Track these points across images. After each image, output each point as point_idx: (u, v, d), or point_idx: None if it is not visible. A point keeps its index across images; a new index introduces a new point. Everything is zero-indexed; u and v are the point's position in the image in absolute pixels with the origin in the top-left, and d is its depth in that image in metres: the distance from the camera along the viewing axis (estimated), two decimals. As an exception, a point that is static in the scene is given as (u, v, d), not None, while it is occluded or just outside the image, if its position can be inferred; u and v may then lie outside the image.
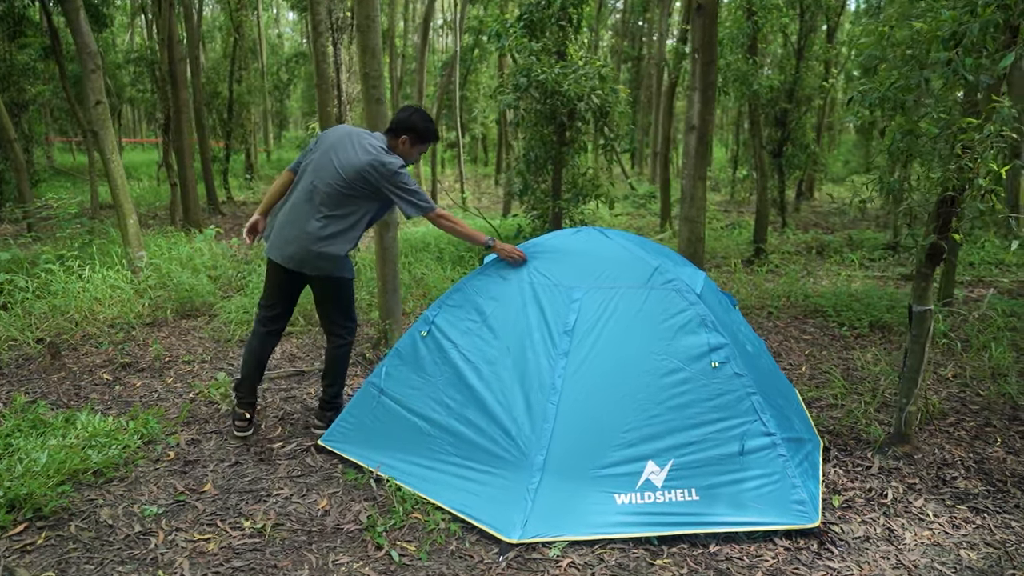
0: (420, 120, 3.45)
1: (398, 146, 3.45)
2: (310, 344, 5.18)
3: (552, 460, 2.94)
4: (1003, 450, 3.64)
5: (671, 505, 2.89)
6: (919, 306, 3.51)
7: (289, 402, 4.12)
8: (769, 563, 2.69)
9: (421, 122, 3.45)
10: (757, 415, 3.03)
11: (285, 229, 3.42)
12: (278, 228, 3.46)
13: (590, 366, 3.12)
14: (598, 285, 3.32)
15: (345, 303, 3.65)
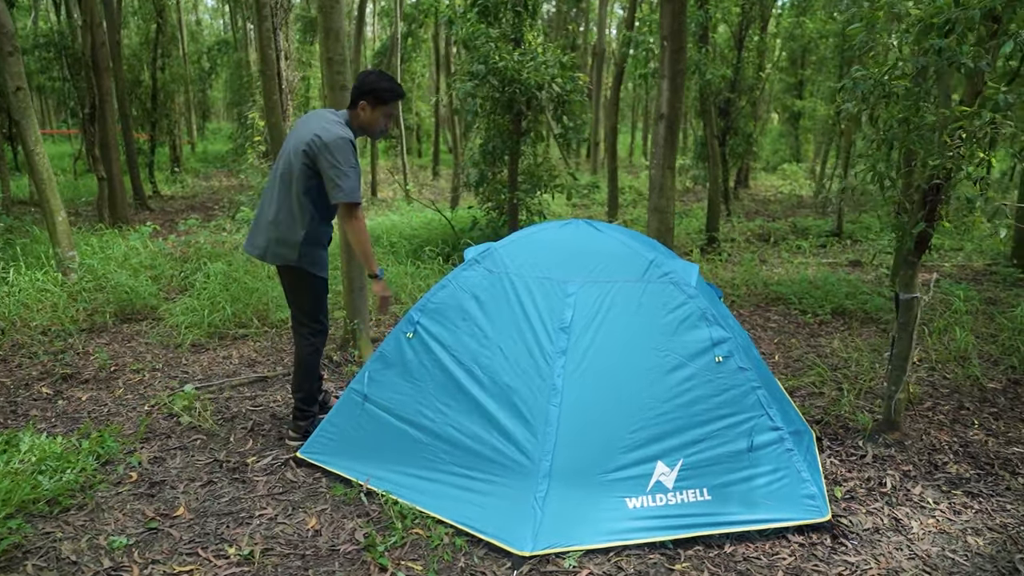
0: (374, 79, 3.16)
1: (359, 116, 3.21)
2: (269, 347, 4.86)
3: (558, 466, 2.80)
4: (983, 432, 3.72)
5: (684, 506, 2.80)
6: (905, 294, 3.53)
7: (257, 412, 3.83)
8: (787, 561, 2.63)
9: (375, 80, 3.15)
10: (764, 409, 2.97)
11: (257, 220, 3.33)
12: (253, 222, 3.35)
13: (590, 364, 2.98)
14: (593, 279, 3.19)
15: (310, 301, 3.39)
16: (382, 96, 3.18)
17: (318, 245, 3.31)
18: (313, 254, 3.30)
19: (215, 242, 7.18)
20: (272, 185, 3.28)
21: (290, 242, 3.22)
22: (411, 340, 3.25)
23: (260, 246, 3.29)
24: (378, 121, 3.24)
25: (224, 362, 4.57)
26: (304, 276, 3.33)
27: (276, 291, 5.47)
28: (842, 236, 9.59)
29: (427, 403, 3.10)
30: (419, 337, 3.24)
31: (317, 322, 3.44)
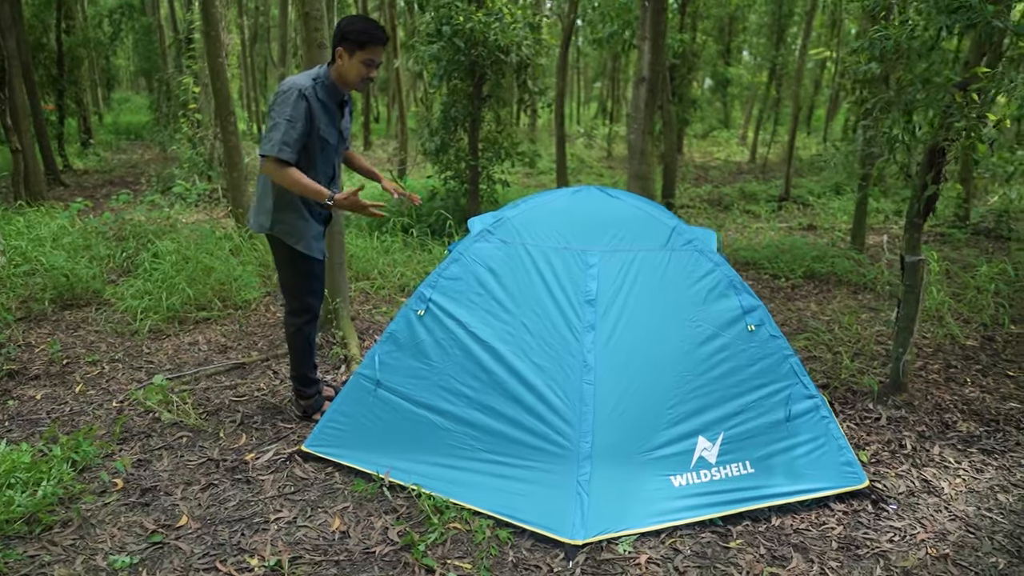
0: (347, 21, 2.83)
1: (339, 67, 2.89)
2: (237, 331, 4.49)
3: (600, 446, 2.65)
4: (978, 390, 3.81)
5: (728, 481, 2.71)
6: (911, 256, 3.54)
7: (243, 402, 3.50)
8: (837, 530, 2.59)
9: (349, 23, 2.81)
10: (798, 378, 2.90)
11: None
12: None
13: (621, 338, 2.83)
14: (614, 248, 3.02)
15: (290, 277, 3.12)
16: (358, 39, 2.81)
17: (293, 213, 3.00)
18: (289, 223, 3.00)
19: (152, 219, 6.60)
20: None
21: (264, 207, 2.99)
22: (423, 318, 3.01)
23: (250, 213, 3.13)
24: (356, 70, 2.87)
25: (191, 349, 4.18)
26: (281, 247, 3.04)
27: (238, 270, 5.06)
28: (790, 201, 9.79)
29: (448, 386, 2.88)
30: (432, 315, 3.00)
31: (297, 300, 3.14)
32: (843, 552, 2.47)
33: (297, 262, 3.07)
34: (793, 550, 2.47)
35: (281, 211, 2.99)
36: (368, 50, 2.85)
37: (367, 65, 2.89)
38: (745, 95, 23.35)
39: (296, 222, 3.01)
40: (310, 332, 3.21)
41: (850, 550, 2.48)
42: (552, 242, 3.04)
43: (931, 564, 2.41)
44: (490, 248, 3.07)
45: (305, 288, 3.14)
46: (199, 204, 8.01)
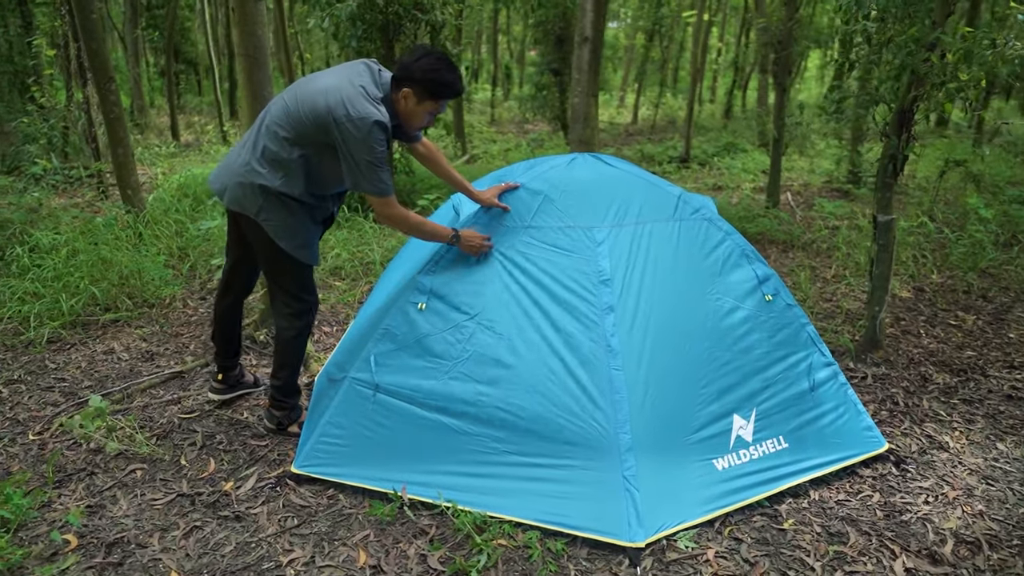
0: (434, 66, 2.39)
1: (397, 103, 2.48)
2: (158, 334, 3.88)
3: (640, 436, 2.45)
4: (934, 341, 3.99)
5: (766, 459, 2.61)
6: (883, 215, 3.59)
7: (196, 420, 2.99)
8: (875, 498, 2.57)
9: (435, 69, 2.39)
10: (815, 345, 2.85)
11: (228, 158, 2.67)
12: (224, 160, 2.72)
13: (644, 318, 2.63)
14: (619, 222, 2.81)
15: (290, 277, 2.69)
16: (434, 90, 2.43)
17: (285, 211, 2.55)
18: (279, 220, 2.55)
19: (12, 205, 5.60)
20: (260, 133, 2.58)
21: (253, 184, 2.52)
22: (424, 311, 2.66)
23: (223, 182, 2.61)
24: (420, 118, 2.51)
25: (109, 360, 3.55)
26: (268, 243, 2.59)
27: (145, 262, 4.37)
28: (691, 161, 10.02)
29: (460, 384, 2.56)
30: (433, 308, 2.66)
31: (298, 301, 2.72)
32: (890, 520, 2.44)
33: (286, 261, 2.62)
34: (845, 524, 2.42)
35: (279, 206, 2.53)
36: (440, 103, 2.49)
37: (431, 114, 2.53)
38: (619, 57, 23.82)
39: (290, 221, 2.56)
40: (307, 331, 2.78)
41: (894, 517, 2.46)
42: (555, 220, 2.77)
43: (972, 522, 2.44)
44: (488, 229, 2.76)
45: (305, 285, 2.71)
46: (64, 187, 6.94)
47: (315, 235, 2.70)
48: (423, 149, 2.79)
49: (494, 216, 2.80)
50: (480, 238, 2.65)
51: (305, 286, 2.74)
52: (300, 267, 2.68)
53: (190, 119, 14.20)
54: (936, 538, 2.35)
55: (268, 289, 2.77)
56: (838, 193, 7.88)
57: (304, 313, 2.75)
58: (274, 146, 2.51)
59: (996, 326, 4.20)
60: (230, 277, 2.91)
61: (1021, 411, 3.19)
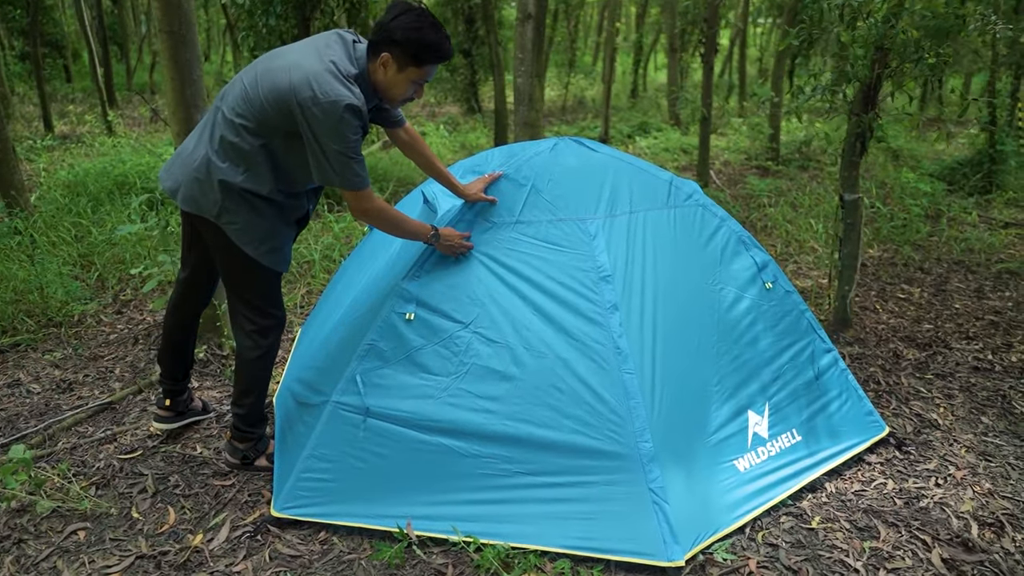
0: (409, 26, 2.03)
1: (376, 72, 2.12)
2: (73, 358, 3.35)
3: (661, 443, 2.28)
4: (891, 315, 4.06)
5: (783, 455, 2.51)
6: (850, 195, 3.59)
7: (139, 460, 2.57)
8: (890, 485, 2.52)
9: (418, 29, 2.03)
10: (815, 332, 2.78)
11: (179, 152, 2.30)
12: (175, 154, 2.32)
13: (651, 316, 2.46)
14: (612, 212, 2.61)
15: (256, 289, 2.33)
16: (418, 54, 2.07)
17: (249, 209, 2.19)
18: (243, 221, 2.19)
19: None
20: (216, 120, 2.20)
21: (211, 180, 2.15)
22: (412, 323, 2.36)
23: (176, 179, 2.24)
24: (403, 87, 2.14)
25: (16, 394, 3.01)
26: (230, 248, 2.22)
27: (48, 274, 3.77)
28: (609, 140, 9.99)
29: (461, 402, 2.29)
30: (423, 317, 2.37)
31: (264, 316, 2.35)
32: (910, 508, 2.40)
33: (252, 270, 2.24)
34: (870, 516, 2.35)
35: (243, 204, 2.16)
36: (425, 69, 2.12)
37: (416, 84, 2.15)
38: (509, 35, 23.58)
39: (256, 223, 2.19)
40: (274, 350, 2.41)
41: (913, 504, 2.42)
42: (546, 214, 2.54)
43: (985, 503, 2.43)
44: (477, 231, 2.50)
45: (272, 297, 2.35)
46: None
47: (287, 238, 2.34)
48: (405, 136, 2.47)
49: (480, 211, 2.53)
50: (459, 237, 2.38)
51: (272, 298, 2.38)
52: (267, 275, 2.31)
53: (63, 108, 12.83)
54: (960, 524, 2.32)
55: (228, 302, 2.38)
56: (759, 170, 8.05)
57: (270, 330, 2.39)
58: (232, 136, 2.13)
59: (941, 298, 4.34)
60: (186, 289, 2.50)
61: (991, 382, 3.27)
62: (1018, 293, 4.41)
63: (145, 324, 3.69)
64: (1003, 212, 6.05)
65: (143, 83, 16.65)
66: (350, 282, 3.03)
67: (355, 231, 5.19)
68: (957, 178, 6.81)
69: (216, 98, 2.27)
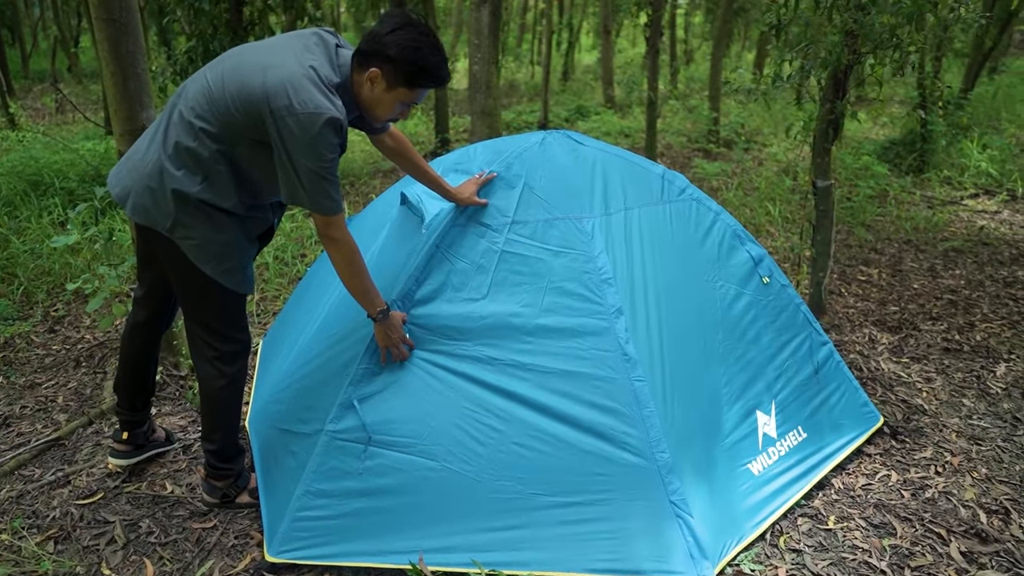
0: (406, 44, 1.82)
1: (362, 87, 1.91)
2: (6, 386, 2.98)
3: (678, 451, 2.19)
4: (856, 299, 4.12)
5: (792, 453, 2.47)
6: (822, 181, 3.59)
7: (101, 505, 2.29)
8: (895, 477, 2.53)
9: (409, 48, 1.82)
10: (811, 325, 2.75)
11: (131, 155, 2.04)
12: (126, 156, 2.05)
13: (656, 318, 2.35)
14: (605, 210, 2.49)
15: (215, 310, 2.08)
16: (415, 78, 1.87)
17: (206, 221, 1.94)
18: (203, 236, 1.95)
19: None
20: (172, 121, 1.94)
21: (164, 189, 1.90)
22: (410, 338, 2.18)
23: (125, 185, 1.98)
24: (389, 108, 1.94)
25: (-58, 435, 2.65)
26: (185, 264, 1.97)
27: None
28: (548, 125, 9.88)
29: (466, 424, 2.13)
30: (421, 334, 2.19)
31: (226, 341, 2.11)
32: (918, 499, 2.40)
33: (210, 289, 2.00)
34: (882, 512, 2.34)
35: (189, 215, 1.90)
36: (416, 92, 1.91)
37: (404, 105, 1.95)
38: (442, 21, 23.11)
39: (214, 238, 1.94)
40: (241, 380, 2.17)
41: (919, 495, 2.43)
42: (540, 213, 2.39)
43: (986, 489, 2.46)
44: (458, 235, 2.33)
45: (235, 320, 2.10)
46: None
47: (248, 255, 2.10)
48: (391, 142, 2.25)
49: (472, 214, 2.36)
50: (400, 334, 2.12)
51: (235, 321, 2.14)
52: (229, 297, 2.07)
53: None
54: (967, 513, 2.33)
55: (185, 325, 2.13)
56: (701, 153, 8.12)
57: (235, 356, 2.14)
58: (189, 140, 1.88)
59: (899, 278, 4.44)
60: (144, 309, 2.23)
61: (963, 363, 3.34)
62: (966, 270, 4.56)
63: (85, 343, 3.34)
64: (938, 190, 6.29)
65: (41, 70, 15.40)
66: (321, 290, 2.80)
67: (307, 230, 4.90)
68: (891, 157, 7.04)
69: (173, 94, 2.01)
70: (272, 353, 2.89)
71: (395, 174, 7.19)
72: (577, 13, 16.86)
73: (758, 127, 9.08)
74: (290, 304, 3.10)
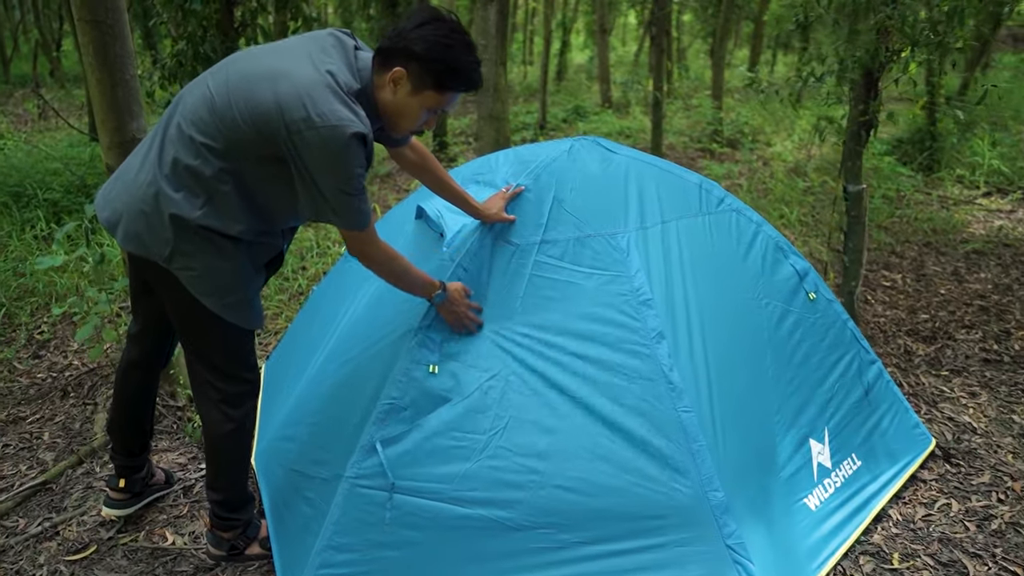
0: (436, 41, 1.61)
1: (384, 90, 1.69)
2: (-15, 422, 2.75)
3: (732, 489, 2.00)
4: (887, 307, 3.95)
5: (848, 484, 2.29)
6: (854, 186, 3.41)
7: (98, 562, 2.07)
8: (956, 507, 2.35)
9: (436, 44, 1.61)
10: (858, 342, 2.56)
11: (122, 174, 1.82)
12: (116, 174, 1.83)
13: (700, 342, 2.16)
14: (642, 224, 2.30)
15: (220, 347, 1.86)
16: (445, 79, 1.65)
17: (210, 248, 1.72)
18: (205, 266, 1.72)
19: None
20: (168, 136, 1.72)
21: (161, 214, 1.67)
22: (438, 375, 1.98)
23: (115, 209, 1.74)
24: (415, 114, 1.71)
25: (-83, 479, 2.42)
26: (185, 297, 1.75)
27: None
28: (545, 128, 9.68)
29: (502, 463, 1.93)
30: (450, 365, 1.99)
31: (232, 382, 1.89)
32: (984, 532, 2.23)
33: (213, 326, 1.77)
34: (949, 548, 2.16)
35: (189, 242, 1.68)
36: (446, 97, 1.69)
37: (431, 112, 1.72)
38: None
39: (217, 267, 1.72)
40: (250, 424, 1.95)
41: (985, 527, 2.25)
42: (571, 230, 2.19)
43: (1054, 517, 2.29)
44: (496, 254, 2.12)
45: (242, 358, 1.88)
46: None
47: (255, 286, 1.86)
48: (413, 155, 2.04)
49: (499, 232, 2.15)
50: (466, 304, 1.97)
51: (242, 359, 1.91)
52: (235, 332, 1.84)
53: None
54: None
55: (187, 363, 1.91)
56: (705, 153, 7.95)
57: (242, 398, 1.92)
58: (189, 157, 1.66)
59: (924, 283, 4.28)
60: (138, 345, 2.01)
61: (1006, 375, 3.18)
62: (992, 274, 4.41)
63: (73, 370, 3.11)
64: (951, 190, 6.15)
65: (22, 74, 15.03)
66: (331, 315, 2.59)
67: (306, 241, 4.68)
68: (899, 156, 6.90)
69: (170, 105, 1.78)
70: (278, 379, 2.68)
71: (391, 178, 6.97)
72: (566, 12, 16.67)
73: (760, 126, 8.93)
74: (297, 324, 2.88)
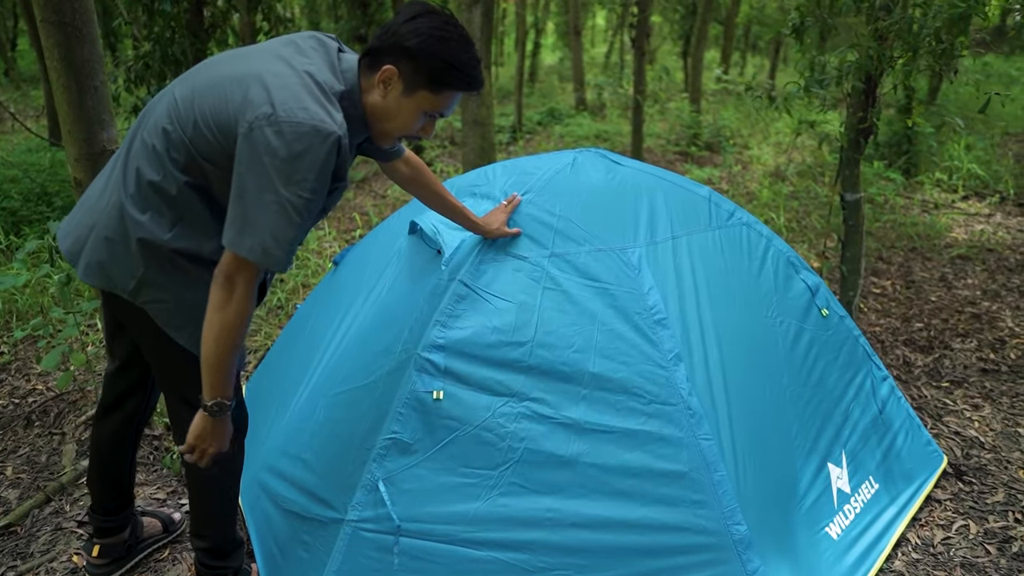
0: (431, 34, 1.43)
1: (373, 92, 1.51)
2: (-60, 456, 2.53)
3: (755, 521, 1.90)
4: (880, 316, 3.91)
5: (867, 509, 2.21)
6: (852, 194, 3.36)
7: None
8: (973, 528, 2.28)
9: (430, 38, 1.43)
10: (870, 359, 2.49)
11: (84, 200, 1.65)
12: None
13: (718, 364, 2.06)
14: (652, 239, 2.19)
15: (189, 383, 1.64)
16: (441, 77, 1.46)
17: (193, 284, 1.53)
18: (176, 297, 1.55)
19: None
20: (133, 150, 1.53)
21: (127, 240, 1.50)
22: (443, 401, 1.84)
23: (78, 236, 1.56)
24: (410, 118, 1.51)
25: None
26: (162, 339, 1.58)
27: None
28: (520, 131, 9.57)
29: (516, 501, 1.80)
30: (455, 392, 1.85)
31: None
32: (1006, 555, 2.17)
33: (193, 361, 1.58)
34: (974, 574, 2.08)
35: (159, 271, 1.51)
36: (443, 97, 1.49)
37: (427, 116, 1.53)
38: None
39: (191, 297, 1.54)
40: (236, 467, 1.79)
41: (1006, 550, 2.19)
42: (580, 245, 2.07)
43: (1073, 538, 2.24)
44: (506, 272, 1.99)
45: None
46: None
47: None
48: (406, 169, 1.87)
49: (501, 247, 2.02)
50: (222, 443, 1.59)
51: None
52: None
53: None
54: (1064, 570, 2.10)
55: (167, 403, 1.74)
56: (683, 156, 7.91)
57: None
58: (154, 172, 1.47)
59: (914, 290, 4.26)
60: (115, 389, 1.83)
61: (1005, 386, 3.15)
62: (979, 279, 4.41)
63: (38, 395, 2.89)
64: (931, 193, 6.18)
65: None
66: (318, 337, 2.43)
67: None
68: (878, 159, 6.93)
69: (135, 122, 1.60)
70: (262, 404, 2.50)
71: (367, 185, 6.79)
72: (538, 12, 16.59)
73: (737, 129, 8.93)
74: (280, 344, 2.72)
